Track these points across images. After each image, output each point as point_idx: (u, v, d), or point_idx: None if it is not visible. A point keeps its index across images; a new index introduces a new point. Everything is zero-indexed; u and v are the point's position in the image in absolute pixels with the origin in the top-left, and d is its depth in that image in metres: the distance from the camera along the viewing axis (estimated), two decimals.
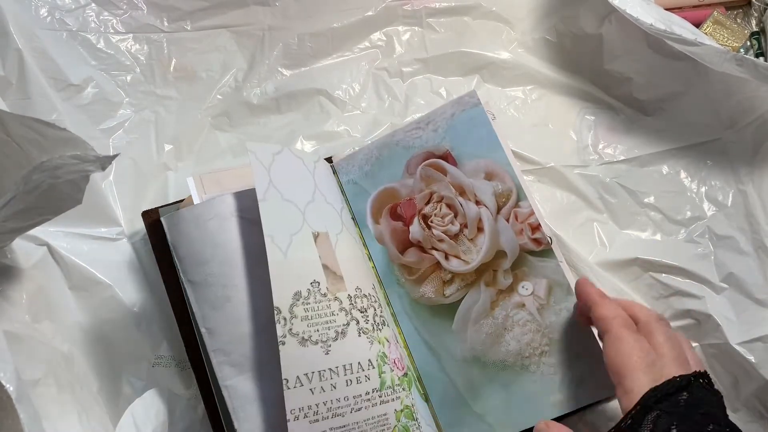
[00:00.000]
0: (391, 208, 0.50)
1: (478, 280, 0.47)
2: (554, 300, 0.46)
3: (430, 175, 0.49)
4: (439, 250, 0.48)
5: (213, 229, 0.42)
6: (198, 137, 0.55)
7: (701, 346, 0.51)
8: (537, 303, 0.46)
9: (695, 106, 0.55)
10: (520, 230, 0.47)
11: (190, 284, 0.42)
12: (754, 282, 0.50)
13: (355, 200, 0.50)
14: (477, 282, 0.47)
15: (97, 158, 0.35)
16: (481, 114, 0.49)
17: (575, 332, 0.45)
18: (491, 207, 0.47)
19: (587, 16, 0.57)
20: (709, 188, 0.54)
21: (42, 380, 0.43)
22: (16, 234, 0.41)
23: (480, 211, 0.47)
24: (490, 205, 0.47)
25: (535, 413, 0.45)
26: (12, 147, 0.37)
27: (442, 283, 0.48)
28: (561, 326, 0.45)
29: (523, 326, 0.46)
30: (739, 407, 0.49)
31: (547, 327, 0.45)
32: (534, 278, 0.46)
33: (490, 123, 0.49)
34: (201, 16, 0.57)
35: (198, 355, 0.46)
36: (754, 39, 0.59)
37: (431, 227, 0.48)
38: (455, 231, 0.48)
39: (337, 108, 0.57)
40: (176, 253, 0.43)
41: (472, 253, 0.47)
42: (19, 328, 0.44)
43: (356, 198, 0.50)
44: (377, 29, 0.59)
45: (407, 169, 0.50)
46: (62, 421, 0.43)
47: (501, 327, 0.46)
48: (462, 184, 0.48)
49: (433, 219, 0.49)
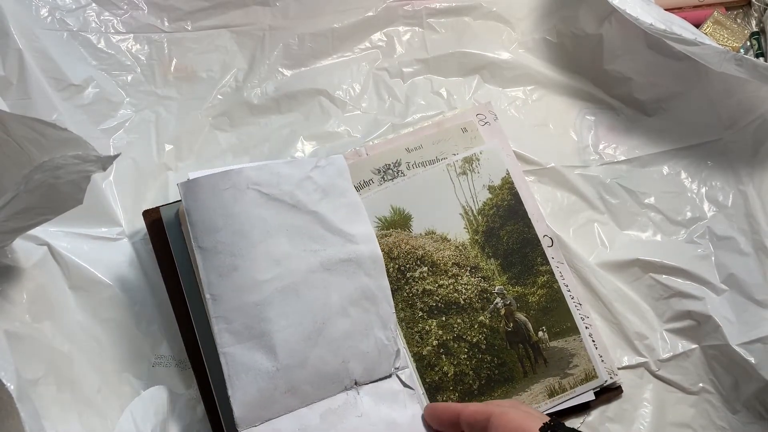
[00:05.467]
0: None
1: None
2: None
3: None
4: None
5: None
6: (198, 137, 0.55)
7: (701, 347, 0.51)
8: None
9: (695, 106, 0.55)
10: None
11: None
12: (754, 283, 0.50)
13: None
14: None
15: (98, 158, 0.35)
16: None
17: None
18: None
19: (587, 16, 0.57)
20: (709, 189, 0.54)
21: (42, 380, 0.43)
22: (17, 234, 0.41)
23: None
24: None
25: None
26: (12, 147, 0.37)
27: None
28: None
29: None
30: (739, 408, 0.49)
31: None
32: None
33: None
34: (201, 16, 0.57)
35: (198, 355, 0.46)
36: (754, 39, 0.59)
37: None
38: None
39: (337, 108, 0.57)
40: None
41: None
42: (20, 327, 0.44)
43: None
44: (378, 29, 0.59)
45: None
46: (62, 420, 0.43)
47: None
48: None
49: None
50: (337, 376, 0.43)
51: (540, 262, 0.51)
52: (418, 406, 0.46)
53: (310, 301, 0.43)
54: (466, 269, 0.50)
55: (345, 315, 0.44)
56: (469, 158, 0.53)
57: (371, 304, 0.46)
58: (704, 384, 0.51)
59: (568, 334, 0.50)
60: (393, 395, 0.45)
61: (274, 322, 0.42)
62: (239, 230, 0.43)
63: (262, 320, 0.42)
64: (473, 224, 0.51)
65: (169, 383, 0.48)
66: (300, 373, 0.42)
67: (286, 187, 0.45)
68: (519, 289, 0.50)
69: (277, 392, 0.41)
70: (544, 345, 0.49)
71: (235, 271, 0.42)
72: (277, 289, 0.42)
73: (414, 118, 0.57)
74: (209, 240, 0.43)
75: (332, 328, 0.44)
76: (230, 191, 0.43)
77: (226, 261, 0.42)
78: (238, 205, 0.43)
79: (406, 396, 0.46)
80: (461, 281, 0.50)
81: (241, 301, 0.42)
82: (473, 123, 0.55)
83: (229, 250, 0.42)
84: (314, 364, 0.43)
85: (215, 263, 0.42)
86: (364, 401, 0.44)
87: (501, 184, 0.53)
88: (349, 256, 0.46)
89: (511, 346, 0.49)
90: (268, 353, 0.41)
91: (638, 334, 0.51)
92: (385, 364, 0.46)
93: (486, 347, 0.49)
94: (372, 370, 0.45)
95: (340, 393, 0.44)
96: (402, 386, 0.46)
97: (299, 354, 0.42)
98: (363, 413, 0.43)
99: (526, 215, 0.52)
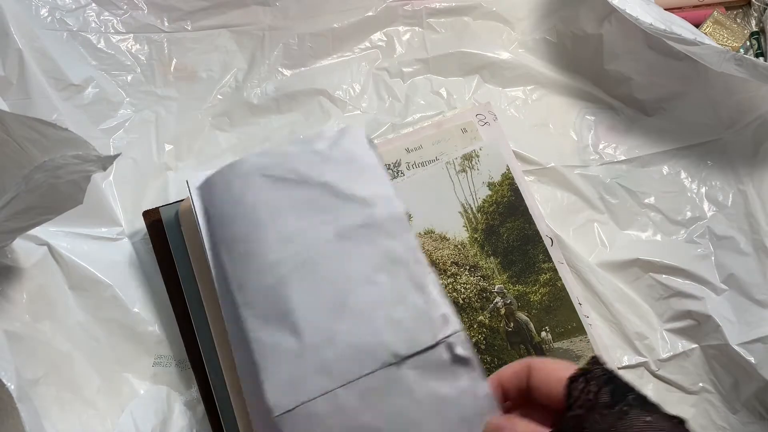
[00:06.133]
0: None
1: None
2: None
3: None
4: None
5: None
6: (198, 137, 0.55)
7: (701, 347, 0.51)
8: None
9: (695, 106, 0.56)
10: None
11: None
12: (754, 283, 0.50)
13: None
14: None
15: (98, 158, 0.36)
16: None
17: None
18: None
19: (587, 16, 0.57)
20: (709, 188, 0.54)
21: (42, 380, 0.43)
22: (17, 234, 0.41)
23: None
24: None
25: None
26: (13, 147, 0.37)
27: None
28: None
29: None
30: (739, 408, 0.49)
31: None
32: None
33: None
34: (201, 16, 0.57)
35: (198, 355, 0.46)
36: (754, 39, 0.59)
37: None
38: None
39: (337, 108, 0.57)
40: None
41: None
42: (20, 327, 0.44)
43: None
44: (378, 29, 0.59)
45: None
46: (62, 420, 0.43)
47: None
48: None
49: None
50: (372, 351, 0.40)
51: (542, 260, 0.51)
52: (471, 378, 0.40)
53: (329, 274, 0.42)
54: (465, 268, 0.50)
55: (371, 283, 0.41)
56: (468, 155, 0.53)
57: (400, 267, 0.42)
58: (704, 384, 0.51)
59: (573, 334, 0.49)
60: (441, 367, 0.40)
61: (294, 300, 0.41)
62: (251, 217, 0.43)
63: (281, 300, 0.41)
64: (472, 222, 0.51)
65: (169, 383, 0.48)
66: (329, 351, 0.40)
67: (290, 165, 0.44)
68: (520, 288, 0.50)
69: (308, 373, 0.39)
70: (548, 346, 0.49)
71: (251, 257, 0.42)
72: (293, 267, 0.42)
73: (414, 118, 0.57)
74: (226, 233, 0.43)
75: (358, 299, 0.41)
76: (238, 182, 0.43)
77: (242, 248, 0.42)
78: (249, 193, 0.43)
79: (458, 367, 0.40)
80: (460, 280, 0.50)
81: (260, 284, 0.41)
82: (473, 123, 0.55)
83: (244, 238, 0.42)
84: (344, 340, 0.40)
85: (234, 254, 0.42)
86: (408, 377, 0.40)
87: (501, 180, 0.52)
88: (365, 221, 0.43)
89: (512, 347, 0.49)
90: (293, 332, 0.40)
91: (638, 334, 0.51)
92: (427, 331, 0.40)
93: (485, 347, 0.48)
94: (412, 340, 0.40)
95: (380, 370, 0.40)
96: (450, 356, 0.40)
97: (325, 330, 0.40)
98: (407, 390, 0.39)
99: (526, 211, 0.52)
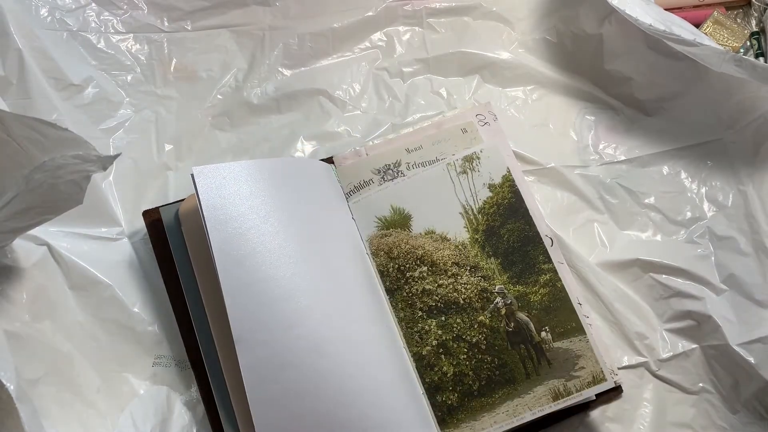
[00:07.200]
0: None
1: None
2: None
3: None
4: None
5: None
6: (198, 137, 0.55)
7: (701, 347, 0.51)
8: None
9: (695, 106, 0.55)
10: None
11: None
12: (754, 283, 0.50)
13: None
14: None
15: (98, 158, 0.36)
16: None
17: None
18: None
19: (587, 16, 0.57)
20: (709, 189, 0.54)
21: (42, 379, 0.43)
22: (17, 234, 0.41)
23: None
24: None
25: None
26: (13, 147, 0.37)
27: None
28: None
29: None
30: (739, 408, 0.49)
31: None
32: None
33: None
34: (201, 16, 0.57)
35: (198, 355, 0.46)
36: (754, 39, 0.59)
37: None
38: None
39: (337, 108, 0.57)
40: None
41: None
42: (20, 327, 0.44)
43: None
44: (378, 29, 0.59)
45: None
46: (62, 420, 0.43)
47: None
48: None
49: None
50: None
51: (542, 261, 0.51)
52: None
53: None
54: (465, 268, 0.50)
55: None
56: (469, 157, 0.53)
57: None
58: (704, 384, 0.51)
59: (573, 334, 0.49)
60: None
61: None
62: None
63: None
64: (473, 223, 0.51)
65: (169, 383, 0.48)
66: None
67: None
68: (520, 288, 0.50)
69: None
70: (548, 346, 0.49)
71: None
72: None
73: (414, 118, 0.57)
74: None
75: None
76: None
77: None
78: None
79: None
80: (461, 281, 0.50)
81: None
82: (473, 124, 0.55)
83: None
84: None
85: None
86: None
87: (501, 182, 0.52)
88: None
89: (513, 347, 0.49)
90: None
91: (638, 334, 0.51)
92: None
93: (486, 347, 0.48)
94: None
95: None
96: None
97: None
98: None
99: (527, 213, 0.52)
